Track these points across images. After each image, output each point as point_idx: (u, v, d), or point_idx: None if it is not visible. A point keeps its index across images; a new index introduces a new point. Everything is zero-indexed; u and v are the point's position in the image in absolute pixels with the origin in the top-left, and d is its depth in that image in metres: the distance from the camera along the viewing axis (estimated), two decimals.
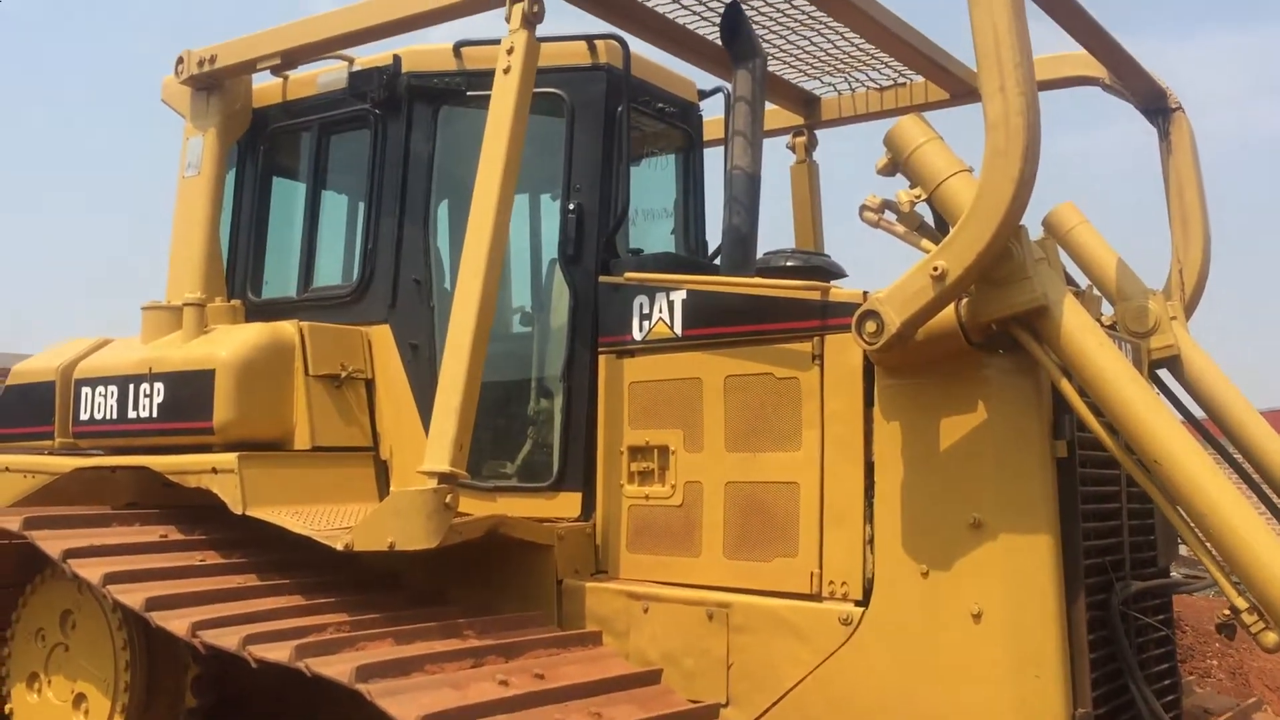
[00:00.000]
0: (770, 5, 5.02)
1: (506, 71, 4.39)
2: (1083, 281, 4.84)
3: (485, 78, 4.67)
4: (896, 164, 3.92)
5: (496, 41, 4.55)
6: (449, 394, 4.18)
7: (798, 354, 4.16)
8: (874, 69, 5.74)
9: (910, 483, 3.85)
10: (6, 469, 5.52)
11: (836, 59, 5.64)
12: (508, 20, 4.43)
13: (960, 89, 5.58)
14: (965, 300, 3.63)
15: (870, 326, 3.66)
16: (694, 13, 5.11)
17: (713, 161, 5.87)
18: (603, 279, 4.75)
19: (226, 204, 5.67)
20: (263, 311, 5.41)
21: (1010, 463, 3.69)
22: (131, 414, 5.09)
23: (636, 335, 4.60)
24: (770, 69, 5.46)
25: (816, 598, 4.02)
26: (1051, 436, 3.69)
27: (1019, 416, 3.70)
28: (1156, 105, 5.26)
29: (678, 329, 4.48)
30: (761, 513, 4.21)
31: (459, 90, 5.13)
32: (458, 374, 4.18)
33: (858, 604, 3.93)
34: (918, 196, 3.89)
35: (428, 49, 5.24)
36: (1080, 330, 3.50)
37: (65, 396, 5.45)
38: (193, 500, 4.90)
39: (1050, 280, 3.58)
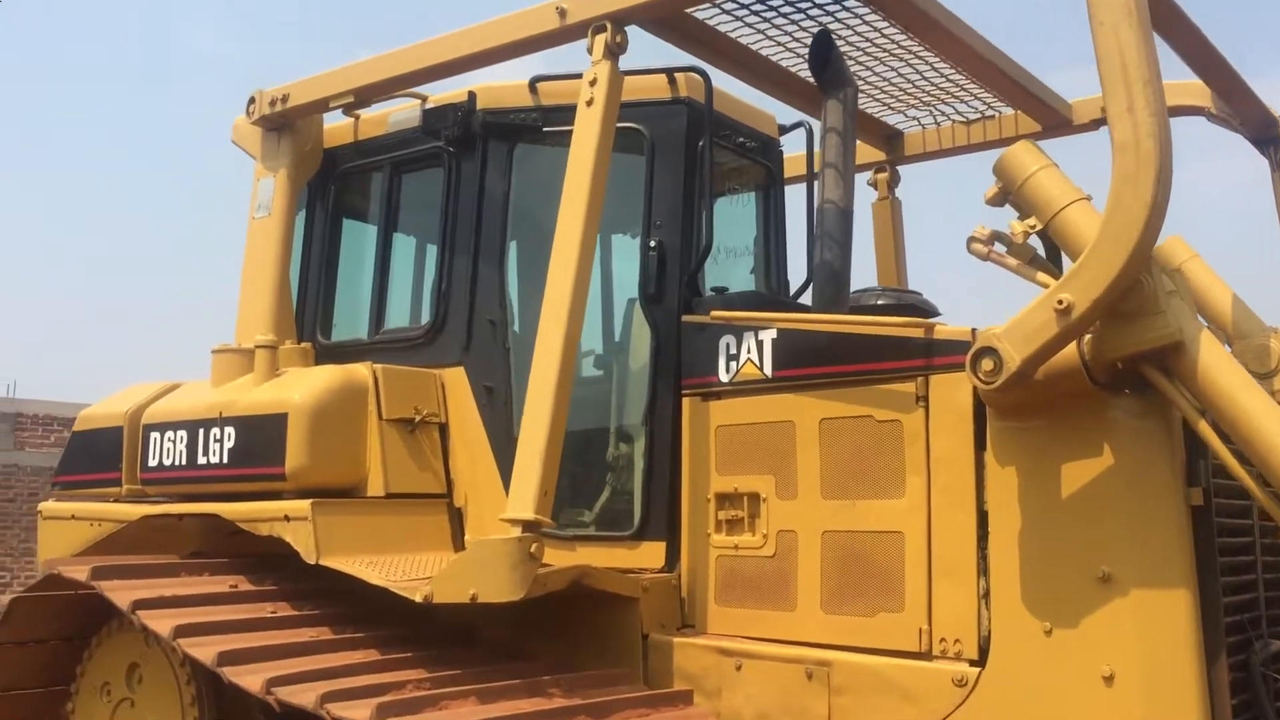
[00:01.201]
0: (858, 34, 4.83)
1: (589, 104, 4.26)
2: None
3: (562, 113, 4.55)
4: (1007, 193, 3.70)
5: (574, 76, 4.43)
6: (532, 438, 3.99)
7: (900, 395, 3.93)
8: (961, 101, 5.53)
9: (1029, 533, 3.59)
10: (74, 516, 5.41)
11: (922, 91, 5.44)
12: (590, 51, 4.30)
13: (1054, 120, 5.35)
14: (1088, 337, 3.39)
15: (987, 364, 3.42)
16: (779, 44, 4.94)
17: (790, 199, 5.69)
18: (686, 318, 4.56)
19: (296, 245, 5.56)
20: (332, 354, 5.28)
21: (1141, 512, 3.42)
22: (201, 460, 4.95)
23: (723, 377, 4.39)
24: None
25: (926, 656, 3.76)
26: (1185, 483, 3.42)
27: (1149, 462, 3.44)
28: (1267, 134, 5.01)
29: (768, 370, 4.27)
30: (863, 564, 3.96)
31: (535, 126, 4.99)
32: (541, 417, 3.99)
33: (973, 664, 3.65)
34: (1032, 227, 3.66)
35: (503, 85, 5.11)
36: (1219, 367, 3.24)
37: (133, 442, 5.33)
38: (260, 548, 4.73)
39: (1184, 314, 3.33)
